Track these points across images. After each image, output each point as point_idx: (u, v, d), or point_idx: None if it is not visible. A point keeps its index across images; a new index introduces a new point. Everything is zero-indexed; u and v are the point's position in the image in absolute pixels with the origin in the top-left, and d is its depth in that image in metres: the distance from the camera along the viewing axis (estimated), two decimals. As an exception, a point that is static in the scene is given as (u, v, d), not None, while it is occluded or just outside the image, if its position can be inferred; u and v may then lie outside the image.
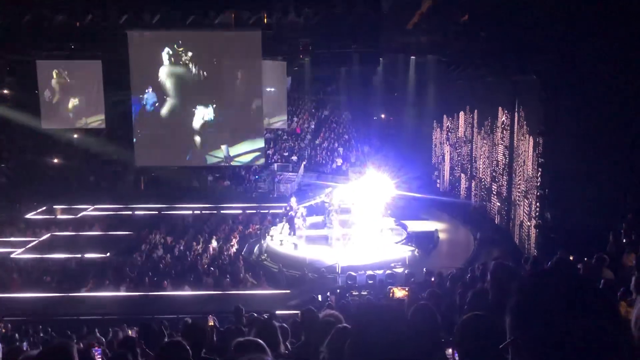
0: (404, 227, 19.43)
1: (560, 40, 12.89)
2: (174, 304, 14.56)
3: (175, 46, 20.39)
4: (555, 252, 10.69)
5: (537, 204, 14.75)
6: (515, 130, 16.84)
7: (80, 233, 20.32)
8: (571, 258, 10.57)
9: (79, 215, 22.32)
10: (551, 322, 1.16)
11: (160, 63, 20.45)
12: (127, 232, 20.49)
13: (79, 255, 17.88)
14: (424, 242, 18.09)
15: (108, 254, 18.23)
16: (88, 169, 25.87)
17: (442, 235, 19.03)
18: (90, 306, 14.69)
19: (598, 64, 12.06)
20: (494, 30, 15.50)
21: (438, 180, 24.13)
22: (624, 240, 10.15)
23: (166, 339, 6.29)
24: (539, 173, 14.82)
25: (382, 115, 28.22)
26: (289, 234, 18.74)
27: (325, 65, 23.86)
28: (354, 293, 14.31)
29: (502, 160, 18.01)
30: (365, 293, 14.17)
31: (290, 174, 25.70)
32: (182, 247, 18.84)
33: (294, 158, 26.66)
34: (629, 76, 11.59)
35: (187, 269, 17.00)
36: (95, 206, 23.12)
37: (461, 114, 21.79)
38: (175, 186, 24.41)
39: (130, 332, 10.71)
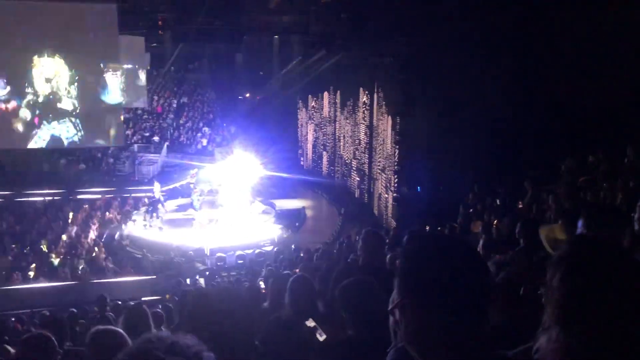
0: (272, 205, 19.60)
1: (416, 23, 13.65)
2: (29, 298, 13.42)
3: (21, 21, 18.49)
4: (412, 223, 11.50)
5: (395, 179, 15.65)
6: (375, 110, 17.66)
7: None
8: (427, 228, 11.42)
9: None
10: (434, 282, 1.24)
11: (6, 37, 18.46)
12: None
13: None
14: (292, 219, 18.41)
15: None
16: None
17: (308, 212, 19.48)
18: None
19: (451, 48, 12.97)
20: (354, 13, 16.01)
21: (302, 159, 24.61)
22: (471, 210, 11.15)
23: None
24: (397, 151, 15.71)
25: (247, 95, 28.02)
26: (153, 218, 18.06)
27: (187, 42, 23.08)
28: (223, 274, 14.22)
29: (363, 139, 18.80)
30: (235, 274, 14.15)
31: (152, 155, 24.61)
32: (33, 237, 17.33)
33: (156, 139, 25.55)
34: (481, 60, 12.60)
35: (41, 260, 15.72)
36: None
37: (325, 94, 22.31)
38: (24, 171, 22.27)
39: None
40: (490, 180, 12.20)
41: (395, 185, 15.78)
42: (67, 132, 20.50)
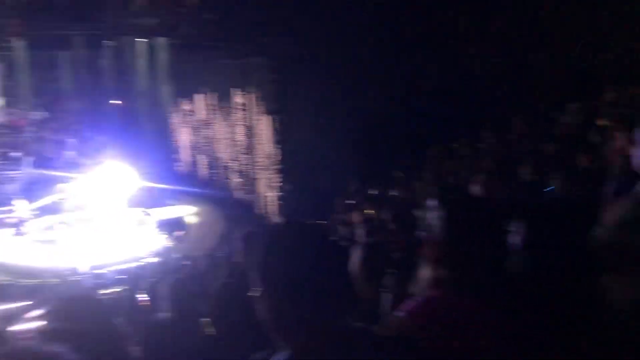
0: (151, 215, 18.91)
1: (288, 21, 13.82)
2: None
3: None
4: (297, 219, 11.65)
5: (278, 177, 15.79)
6: (252, 110, 17.66)
7: None
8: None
9: None
10: (291, 272, 1.27)
11: None
12: None
13: None
14: (174, 227, 17.89)
15: None
16: None
17: (191, 219, 19.02)
18: None
19: (323, 44, 13.30)
20: (222, 13, 15.87)
21: (178, 164, 23.99)
22: (350, 202, 11.57)
23: None
24: (277, 149, 15.85)
25: (116, 102, 26.68)
26: (20, 239, 16.67)
27: (44, 49, 21.50)
28: (104, 292, 13.48)
29: (242, 140, 18.72)
30: (119, 289, 13.46)
31: (13, 172, 22.64)
32: None
33: (16, 154, 23.54)
34: (352, 55, 13.03)
35: None
36: None
37: (200, 96, 21.84)
38: None
39: None
40: (367, 172, 12.70)
41: (278, 183, 15.92)
42: None
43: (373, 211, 10.02)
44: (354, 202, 11.48)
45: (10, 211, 19.26)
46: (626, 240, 2.12)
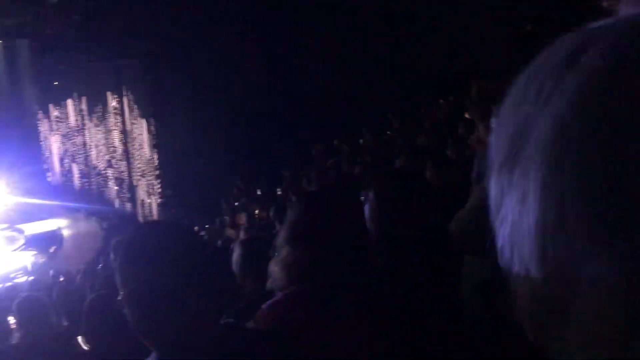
0: (20, 231, 17.53)
1: (158, 21, 13.35)
2: None
3: None
4: (180, 225, 11.36)
5: (158, 183, 15.25)
6: (127, 114, 16.88)
7: None
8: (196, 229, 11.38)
9: None
10: (155, 271, 1.22)
11: None
12: None
13: None
14: (46, 243, 16.75)
15: None
16: None
17: (65, 232, 17.88)
18: None
19: (199, 43, 13.00)
20: (88, 14, 15.02)
21: (50, 174, 22.44)
22: (236, 204, 11.44)
23: None
24: (155, 154, 15.28)
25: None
26: None
27: None
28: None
29: (118, 145, 17.86)
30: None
31: None
32: None
33: None
34: (229, 54, 12.86)
35: None
36: None
37: (69, 101, 20.53)
38: None
39: None
40: (252, 172, 12.65)
41: (159, 189, 15.37)
42: None
43: (258, 211, 9.99)
44: (238, 203, 11.38)
45: None
46: (476, 223, 2.28)
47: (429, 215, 1.93)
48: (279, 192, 10.64)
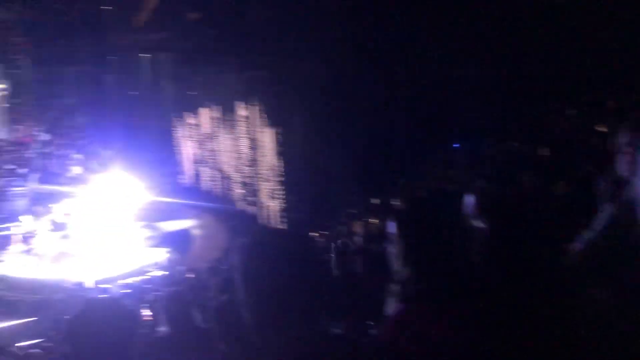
0: (156, 228, 18.99)
1: (287, 36, 13.95)
2: None
3: None
4: (299, 230, 11.72)
5: (280, 188, 15.86)
6: (255, 123, 17.77)
7: None
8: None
9: None
10: (275, 280, 1.33)
11: None
12: None
13: None
14: (179, 240, 17.97)
15: None
16: None
17: (195, 232, 19.08)
18: None
19: (324, 57, 13.41)
20: (222, 28, 16.03)
21: (183, 177, 24.10)
22: (353, 212, 11.61)
23: None
24: (279, 161, 15.92)
25: (121, 117, 26.86)
26: (27, 255, 16.78)
27: (49, 66, 21.76)
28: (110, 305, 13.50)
29: (245, 152, 18.81)
30: (124, 303, 13.51)
31: (19, 188, 22.83)
32: None
33: (23, 170, 23.75)
34: (353, 68, 13.14)
35: None
36: None
37: (204, 110, 21.95)
38: None
39: None
40: (371, 181, 12.74)
41: (281, 194, 15.98)
42: None
43: (376, 220, 10.06)
44: (356, 211, 11.53)
45: (18, 227, 19.41)
46: (608, 242, 2.17)
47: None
48: (395, 202, 10.64)
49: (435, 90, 11.84)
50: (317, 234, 10.68)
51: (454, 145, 10.95)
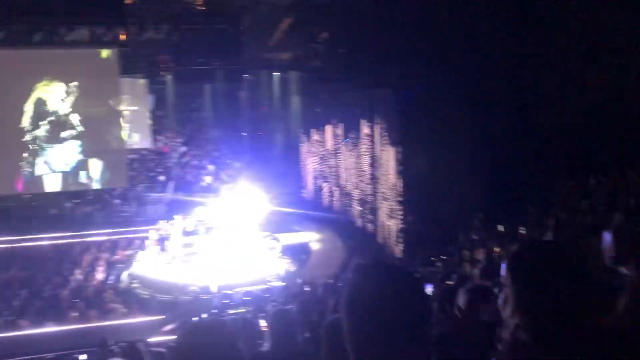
0: (277, 240, 19.58)
1: (412, 54, 13.87)
2: (35, 344, 13.38)
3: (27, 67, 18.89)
4: (417, 252, 11.50)
5: (400, 208, 15.67)
6: (377, 141, 17.79)
7: None
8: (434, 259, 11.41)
9: None
10: (372, 311, 1.29)
11: (2, 85, 18.82)
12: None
13: None
14: (298, 253, 18.37)
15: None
16: None
17: (314, 246, 19.43)
18: None
19: (449, 77, 13.16)
20: (350, 47, 16.30)
21: (305, 191, 24.69)
22: (475, 238, 11.15)
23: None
24: (399, 180, 15.77)
25: (251, 131, 28.26)
26: (161, 257, 18.08)
27: (189, 82, 23.49)
28: (230, 312, 14.14)
29: (366, 169, 18.88)
30: (243, 310, 14.07)
31: (157, 194, 24.78)
32: (41, 281, 17.37)
33: (162, 178, 25.77)
34: (478, 86, 12.75)
35: (48, 304, 15.71)
36: None
37: (328, 127, 22.44)
38: (29, 215, 22.49)
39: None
40: (495, 207, 12.20)
41: (400, 214, 15.79)
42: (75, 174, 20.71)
43: (499, 249, 9.58)
44: (478, 237, 11.07)
45: (154, 230, 21.03)
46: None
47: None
48: (521, 231, 10.06)
49: (571, 116, 11.11)
50: (435, 259, 10.41)
51: (589, 174, 10.14)
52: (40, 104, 19.30)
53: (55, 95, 19.41)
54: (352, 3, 15.70)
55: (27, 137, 19.37)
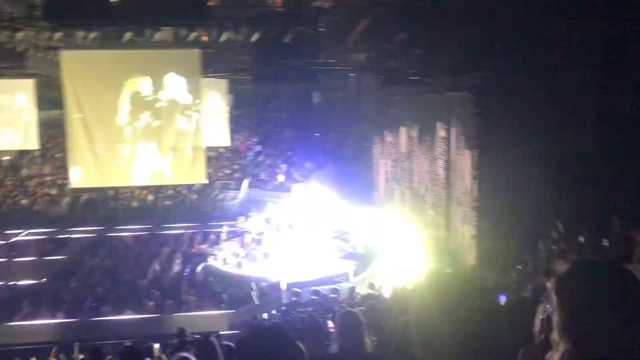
0: (347, 241, 19.62)
1: (490, 56, 13.47)
2: (114, 329, 14.11)
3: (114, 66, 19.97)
4: (492, 260, 11.18)
5: (474, 214, 15.25)
6: (453, 144, 17.37)
7: (13, 259, 19.42)
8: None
9: (11, 241, 21.33)
10: (446, 320, 1.27)
11: (96, 83, 19.95)
12: (62, 257, 19.74)
13: (12, 282, 17.08)
14: (368, 255, 18.31)
15: (43, 280, 17.49)
16: (20, 192, 24.84)
17: (385, 248, 19.23)
18: (25, 335, 14.04)
19: (527, 80, 12.69)
20: (428, 48, 16.04)
21: (377, 193, 24.54)
22: (554, 248, 10.66)
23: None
24: (475, 185, 15.34)
25: (324, 131, 28.46)
26: (236, 252, 18.57)
27: (266, 82, 23.96)
28: (299, 310, 14.30)
29: (441, 173, 18.49)
30: (311, 309, 14.20)
31: (233, 191, 25.48)
32: (122, 270, 18.31)
33: (237, 175, 26.48)
34: (559, 90, 12.22)
35: (128, 292, 16.53)
36: (29, 231, 22.17)
37: (402, 129, 22.18)
38: (114, 207, 23.79)
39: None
40: (576, 217, 11.62)
41: (474, 220, 15.36)
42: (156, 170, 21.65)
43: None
44: (556, 248, 10.59)
45: (230, 226, 21.65)
46: None
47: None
48: (605, 243, 9.53)
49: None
50: (510, 266, 10.06)
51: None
52: (130, 100, 20.30)
53: (143, 92, 20.36)
54: (430, 3, 15.44)
55: (116, 133, 20.42)
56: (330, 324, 8.54)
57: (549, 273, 8.90)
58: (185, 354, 3.20)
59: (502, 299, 6.07)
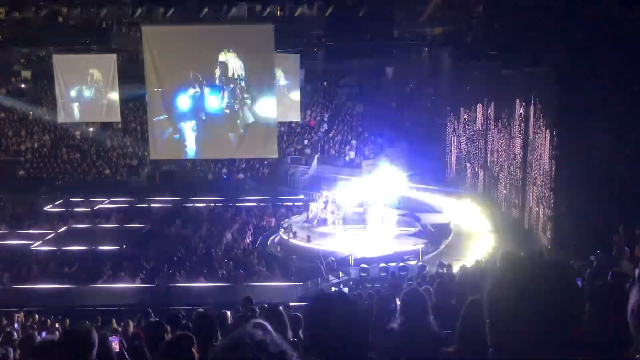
0: (417, 219, 19.39)
1: (574, 32, 12.74)
2: (188, 296, 14.70)
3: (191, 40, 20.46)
4: (570, 242, 10.69)
5: (551, 195, 14.65)
6: (531, 122, 16.67)
7: (97, 225, 20.61)
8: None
9: (95, 208, 22.61)
10: (517, 303, 1.22)
11: (175, 57, 20.55)
12: (142, 225, 20.73)
13: (95, 247, 18.13)
14: (437, 234, 18.03)
15: (124, 246, 18.45)
16: (104, 163, 26.20)
17: (454, 228, 18.89)
18: (106, 297, 14.90)
19: (613, 56, 11.91)
20: (508, 22, 15.36)
21: (449, 172, 24.02)
22: (638, 232, 10.05)
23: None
24: (554, 165, 14.70)
25: (396, 108, 28.05)
26: (304, 226, 18.81)
27: (339, 57, 23.84)
28: (367, 285, 14.34)
29: (517, 152, 17.84)
30: (378, 285, 14.20)
31: (303, 167, 25.72)
32: (197, 239, 19.02)
33: (308, 151, 26.67)
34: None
35: (202, 261, 17.16)
36: (111, 199, 23.40)
37: (479, 106, 21.50)
38: (190, 179, 24.66)
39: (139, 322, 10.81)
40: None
41: (551, 202, 14.76)
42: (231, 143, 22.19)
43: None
44: (638, 233, 9.97)
45: (299, 201, 21.95)
46: None
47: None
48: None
49: None
50: (588, 250, 9.59)
51: None
52: (206, 75, 20.82)
53: (219, 67, 20.81)
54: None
55: (194, 107, 21.02)
56: (397, 301, 8.48)
57: (634, 259, 8.43)
58: (259, 320, 3.28)
59: (579, 284, 5.81)
